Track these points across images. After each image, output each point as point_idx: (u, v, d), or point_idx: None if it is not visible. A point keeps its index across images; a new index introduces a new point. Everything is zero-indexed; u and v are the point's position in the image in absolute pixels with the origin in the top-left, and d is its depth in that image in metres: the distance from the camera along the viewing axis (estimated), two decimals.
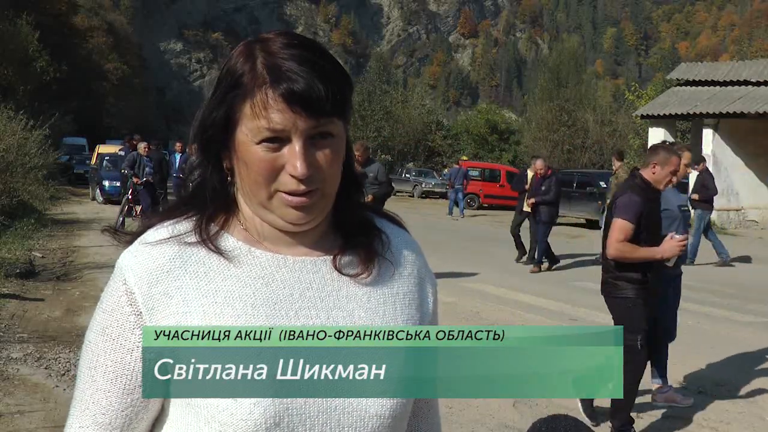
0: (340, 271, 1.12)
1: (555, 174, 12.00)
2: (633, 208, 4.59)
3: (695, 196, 13.46)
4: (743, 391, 5.80)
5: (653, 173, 4.71)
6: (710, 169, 21.39)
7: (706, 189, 13.53)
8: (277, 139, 1.03)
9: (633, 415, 4.76)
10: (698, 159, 14.57)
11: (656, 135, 23.00)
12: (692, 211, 13.78)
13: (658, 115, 22.59)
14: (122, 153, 18.95)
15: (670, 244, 4.57)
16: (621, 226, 4.57)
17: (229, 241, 1.11)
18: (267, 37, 1.08)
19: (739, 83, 22.16)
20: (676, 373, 6.22)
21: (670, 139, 22.95)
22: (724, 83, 22.56)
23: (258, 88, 1.03)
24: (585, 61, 73.13)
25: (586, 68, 65.83)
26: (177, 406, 1.08)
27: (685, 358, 6.73)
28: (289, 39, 1.07)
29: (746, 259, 14.49)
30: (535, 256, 11.95)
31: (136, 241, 1.11)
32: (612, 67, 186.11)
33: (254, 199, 1.07)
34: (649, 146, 21.37)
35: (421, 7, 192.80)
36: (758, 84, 21.64)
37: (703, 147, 21.65)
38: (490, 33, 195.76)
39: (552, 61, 45.03)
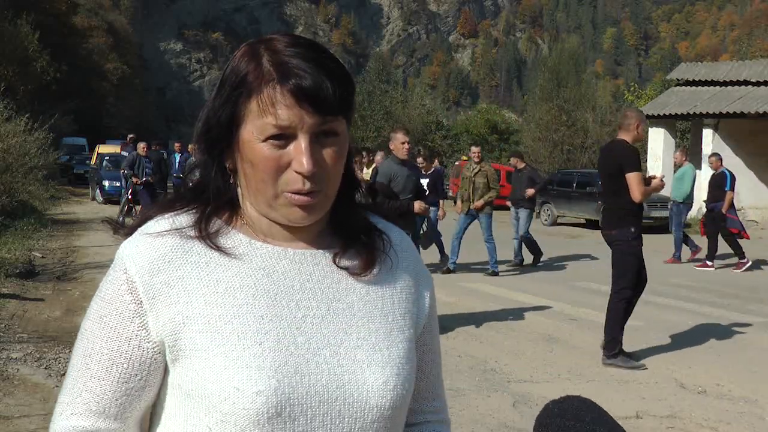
0: (338, 266, 1.13)
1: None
2: None
3: (530, 191, 12.26)
4: (743, 391, 5.80)
5: None
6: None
7: (534, 182, 12.47)
8: (283, 136, 1.03)
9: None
10: (516, 154, 13.49)
11: (656, 135, 23.00)
12: (515, 211, 12.53)
13: (658, 115, 22.56)
14: (125, 153, 19.04)
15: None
16: None
17: (230, 236, 1.11)
18: (270, 38, 1.08)
19: (739, 83, 22.15)
20: (676, 373, 6.22)
21: (671, 140, 23.03)
22: (724, 83, 22.55)
23: (265, 84, 1.03)
24: (585, 61, 73.12)
25: (586, 68, 65.88)
26: (175, 396, 1.08)
27: (685, 358, 6.74)
28: (292, 39, 1.08)
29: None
30: None
31: (136, 232, 1.11)
32: (612, 67, 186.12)
33: (260, 198, 1.07)
34: (649, 147, 20.75)
35: (421, 7, 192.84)
36: (758, 84, 21.62)
37: (703, 147, 21.64)
38: (490, 33, 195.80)
39: (552, 61, 44.92)
